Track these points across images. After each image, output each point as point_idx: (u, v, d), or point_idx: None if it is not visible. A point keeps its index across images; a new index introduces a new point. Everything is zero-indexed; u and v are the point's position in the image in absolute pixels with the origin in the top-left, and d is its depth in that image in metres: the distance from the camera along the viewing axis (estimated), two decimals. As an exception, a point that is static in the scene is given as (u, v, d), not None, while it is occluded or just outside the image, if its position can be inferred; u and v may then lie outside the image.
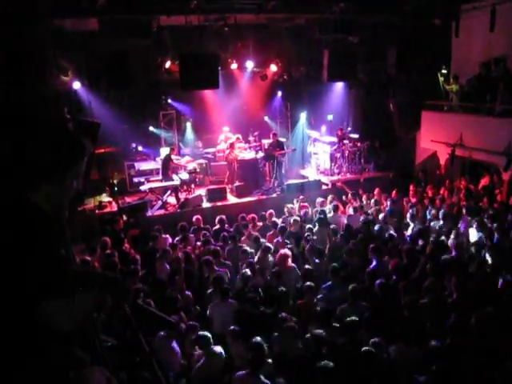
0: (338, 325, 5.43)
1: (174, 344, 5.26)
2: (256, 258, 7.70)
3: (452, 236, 8.13)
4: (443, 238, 8.17)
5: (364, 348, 4.63)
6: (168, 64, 12.36)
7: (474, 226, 8.32)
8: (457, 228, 8.50)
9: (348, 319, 5.20)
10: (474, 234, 8.27)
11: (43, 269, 1.44)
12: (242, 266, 7.40)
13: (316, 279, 6.79)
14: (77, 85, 11.50)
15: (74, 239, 8.10)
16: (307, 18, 12.75)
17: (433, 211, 9.56)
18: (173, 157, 12.41)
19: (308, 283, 6.28)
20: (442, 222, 8.94)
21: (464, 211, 9.29)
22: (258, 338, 4.69)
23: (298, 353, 4.99)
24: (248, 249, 7.91)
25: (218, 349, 5.13)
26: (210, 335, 5.13)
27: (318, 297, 6.28)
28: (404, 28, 12.67)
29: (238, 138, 13.47)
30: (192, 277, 7.29)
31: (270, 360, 4.76)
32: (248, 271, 6.77)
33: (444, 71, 13.60)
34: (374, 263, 7.12)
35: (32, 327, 1.43)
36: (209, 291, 6.67)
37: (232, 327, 5.34)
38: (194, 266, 7.69)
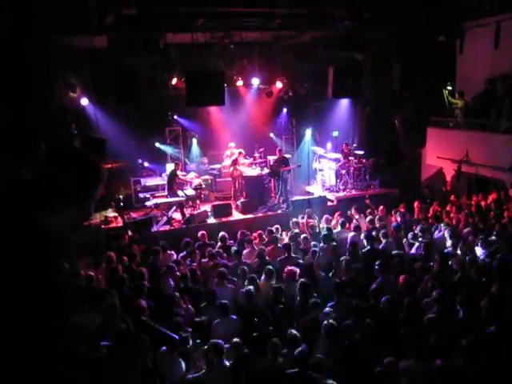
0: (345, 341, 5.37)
1: (180, 361, 5.22)
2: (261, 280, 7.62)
3: (458, 252, 8.07)
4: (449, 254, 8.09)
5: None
6: (174, 81, 12.50)
7: (479, 243, 8.25)
8: (462, 245, 8.42)
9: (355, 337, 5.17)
10: (479, 252, 8.19)
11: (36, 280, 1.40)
12: (243, 282, 7.34)
13: (322, 294, 6.77)
14: (85, 101, 11.63)
15: (80, 254, 8.11)
16: (312, 35, 12.88)
17: (441, 227, 9.51)
18: (178, 172, 12.46)
19: (313, 300, 6.23)
20: (448, 239, 8.88)
21: (466, 230, 9.21)
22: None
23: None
24: (246, 268, 7.79)
25: (227, 362, 5.09)
26: (224, 346, 5.10)
27: (323, 313, 6.22)
28: (409, 44, 12.76)
29: (240, 153, 13.44)
30: (198, 294, 7.23)
31: None
32: (251, 288, 6.71)
33: (449, 87, 13.64)
34: (379, 280, 7.06)
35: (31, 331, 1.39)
36: (202, 305, 6.64)
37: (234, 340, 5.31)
38: (199, 282, 7.65)
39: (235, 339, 5.31)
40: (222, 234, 9.67)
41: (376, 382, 4.53)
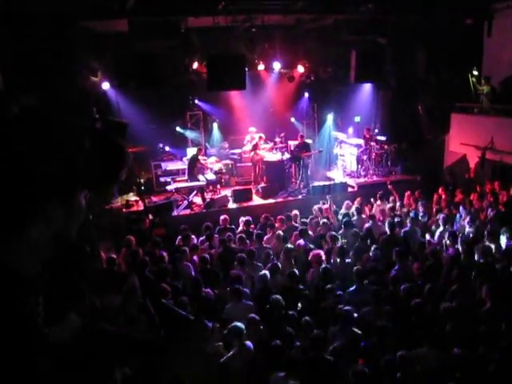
0: (357, 330, 5.36)
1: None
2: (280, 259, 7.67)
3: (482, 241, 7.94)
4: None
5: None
6: (195, 65, 12.47)
7: (503, 232, 8.09)
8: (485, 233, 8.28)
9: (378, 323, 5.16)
10: (503, 242, 8.05)
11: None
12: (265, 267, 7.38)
13: (341, 280, 6.77)
14: (106, 85, 11.70)
15: (101, 237, 8.24)
16: (335, 18, 12.66)
17: (463, 215, 9.37)
18: (200, 157, 12.50)
19: (330, 285, 6.23)
20: (469, 227, 8.75)
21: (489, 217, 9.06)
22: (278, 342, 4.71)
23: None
24: (271, 251, 7.89)
25: (249, 343, 5.15)
26: (243, 327, 5.15)
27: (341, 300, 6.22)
28: (434, 28, 12.45)
29: (260, 137, 13.39)
30: (217, 277, 7.29)
31: None
32: (267, 273, 6.72)
33: (475, 72, 13.29)
34: (397, 267, 7.01)
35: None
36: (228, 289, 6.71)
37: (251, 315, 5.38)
38: (218, 266, 7.71)
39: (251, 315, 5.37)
40: (245, 218, 9.69)
41: (392, 369, 4.52)
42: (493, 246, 7.60)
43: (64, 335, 1.54)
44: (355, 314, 5.63)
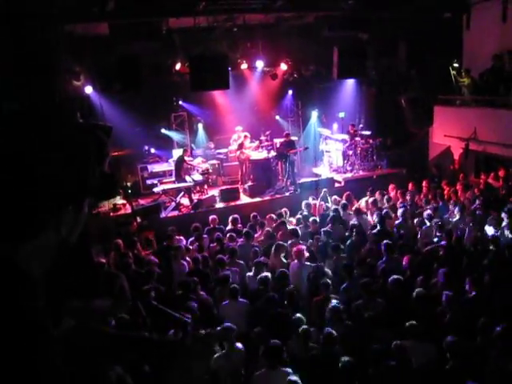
0: (350, 323, 5.41)
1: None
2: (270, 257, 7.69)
3: (467, 231, 8.06)
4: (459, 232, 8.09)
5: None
6: (178, 66, 12.44)
7: (489, 222, 8.23)
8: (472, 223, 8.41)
9: (366, 314, 5.21)
10: (490, 230, 8.18)
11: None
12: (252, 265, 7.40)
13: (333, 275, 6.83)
14: (89, 89, 11.62)
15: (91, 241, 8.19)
16: (316, 15, 12.72)
17: (450, 206, 9.50)
18: (186, 158, 12.47)
19: (324, 280, 6.27)
20: (457, 217, 8.87)
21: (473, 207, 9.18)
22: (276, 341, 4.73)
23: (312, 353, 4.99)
24: (258, 249, 7.91)
25: (239, 344, 5.15)
26: (234, 327, 5.15)
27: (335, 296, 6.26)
28: (414, 22, 12.57)
29: (245, 136, 13.39)
30: (207, 278, 7.29)
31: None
32: (268, 274, 6.72)
33: (456, 65, 13.45)
34: (384, 259, 7.09)
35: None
36: (217, 290, 6.71)
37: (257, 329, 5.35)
38: (209, 267, 7.72)
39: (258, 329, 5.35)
40: (233, 216, 9.70)
41: (385, 360, 4.57)
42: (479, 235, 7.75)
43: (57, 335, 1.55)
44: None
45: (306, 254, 7.33)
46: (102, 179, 1.18)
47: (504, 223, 8.16)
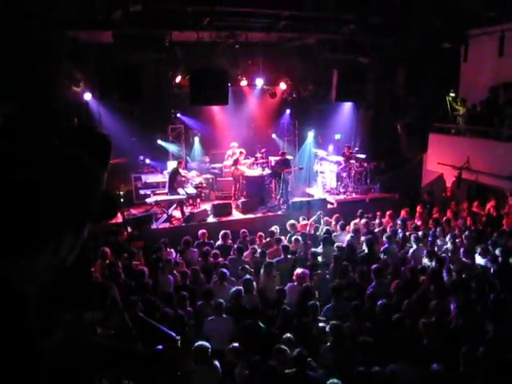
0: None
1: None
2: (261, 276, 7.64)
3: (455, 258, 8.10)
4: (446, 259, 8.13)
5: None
6: (178, 79, 12.51)
7: (478, 251, 8.29)
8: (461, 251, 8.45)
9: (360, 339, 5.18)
10: (479, 260, 8.23)
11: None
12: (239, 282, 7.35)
13: (321, 297, 6.80)
14: (88, 96, 11.63)
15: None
16: (317, 37, 12.90)
17: (440, 233, 9.56)
18: (180, 170, 12.47)
19: (312, 302, 6.25)
20: (448, 245, 8.92)
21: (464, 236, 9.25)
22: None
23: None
24: (248, 266, 7.86)
25: (216, 362, 5.08)
26: (209, 346, 5.07)
27: (320, 317, 6.23)
28: (413, 50, 12.79)
29: (241, 152, 13.46)
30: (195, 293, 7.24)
31: None
32: (241, 288, 6.70)
33: (452, 94, 13.66)
34: (374, 283, 7.09)
35: None
36: (199, 303, 6.66)
37: (234, 345, 5.28)
38: (199, 282, 7.66)
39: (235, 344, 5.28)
40: (224, 231, 9.68)
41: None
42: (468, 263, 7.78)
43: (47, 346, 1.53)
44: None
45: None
46: (103, 203, 1.18)
47: (491, 252, 8.22)
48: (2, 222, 0.99)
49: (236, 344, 5.22)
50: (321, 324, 5.86)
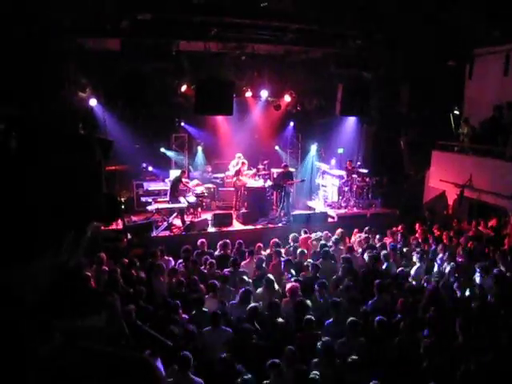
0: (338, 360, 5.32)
1: (159, 363, 5.11)
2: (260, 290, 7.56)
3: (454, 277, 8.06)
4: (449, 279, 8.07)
5: None
6: (184, 88, 12.57)
7: (478, 270, 8.23)
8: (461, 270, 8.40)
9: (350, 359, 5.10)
10: (478, 278, 8.17)
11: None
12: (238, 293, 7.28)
13: (318, 311, 6.73)
14: (93, 102, 11.69)
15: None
16: (323, 51, 12.97)
17: (440, 251, 9.51)
18: (183, 179, 12.48)
19: (308, 316, 6.19)
20: (447, 263, 8.87)
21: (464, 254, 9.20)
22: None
23: None
24: (246, 277, 7.80)
25: (198, 379, 4.93)
26: (191, 357, 4.96)
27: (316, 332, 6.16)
28: (419, 67, 12.84)
29: (243, 163, 13.48)
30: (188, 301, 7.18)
31: None
32: (256, 305, 6.60)
33: (456, 112, 13.69)
34: (375, 299, 7.04)
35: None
36: (193, 312, 6.60)
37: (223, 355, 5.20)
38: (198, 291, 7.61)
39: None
40: (225, 241, 9.65)
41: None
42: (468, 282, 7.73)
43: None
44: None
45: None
46: (106, 202, 1.17)
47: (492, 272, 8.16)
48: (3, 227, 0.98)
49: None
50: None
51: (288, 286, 7.27)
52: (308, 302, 6.78)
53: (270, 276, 7.59)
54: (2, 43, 8.16)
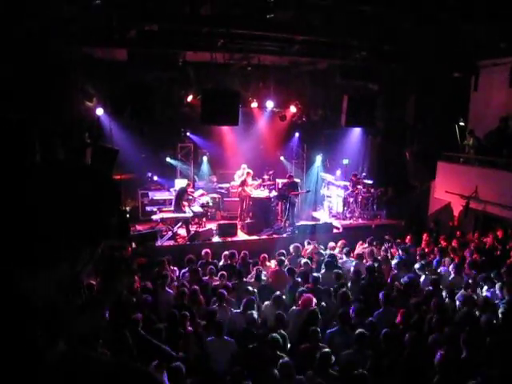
0: (335, 372, 5.27)
1: (165, 376, 5.10)
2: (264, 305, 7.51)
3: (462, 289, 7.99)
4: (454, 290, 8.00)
5: None
6: (190, 98, 12.64)
7: (483, 282, 8.18)
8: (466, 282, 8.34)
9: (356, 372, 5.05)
10: (484, 290, 8.11)
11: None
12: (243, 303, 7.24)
13: (323, 321, 6.69)
14: (100, 111, 11.77)
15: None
16: (329, 63, 13.03)
17: (446, 262, 9.46)
18: (188, 189, 12.51)
19: (313, 327, 6.15)
20: (452, 274, 8.82)
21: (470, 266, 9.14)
22: None
23: None
24: (251, 288, 7.77)
25: None
26: (182, 368, 4.91)
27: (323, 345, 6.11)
28: (424, 78, 12.87)
29: (248, 173, 13.47)
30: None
31: None
32: (254, 313, 6.59)
33: (462, 123, 13.69)
34: (379, 311, 6.99)
35: None
36: (202, 323, 6.57)
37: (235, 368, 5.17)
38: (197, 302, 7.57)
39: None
40: (228, 252, 9.62)
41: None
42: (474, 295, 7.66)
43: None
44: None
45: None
46: (118, 223, 1.22)
47: (496, 285, 8.09)
48: (28, 233, 1.01)
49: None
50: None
51: (302, 297, 7.18)
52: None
53: (278, 293, 7.50)
54: (4, 44, 8.21)
